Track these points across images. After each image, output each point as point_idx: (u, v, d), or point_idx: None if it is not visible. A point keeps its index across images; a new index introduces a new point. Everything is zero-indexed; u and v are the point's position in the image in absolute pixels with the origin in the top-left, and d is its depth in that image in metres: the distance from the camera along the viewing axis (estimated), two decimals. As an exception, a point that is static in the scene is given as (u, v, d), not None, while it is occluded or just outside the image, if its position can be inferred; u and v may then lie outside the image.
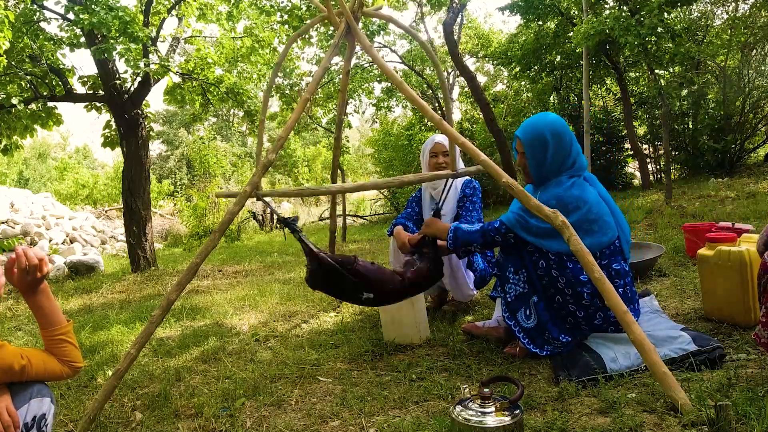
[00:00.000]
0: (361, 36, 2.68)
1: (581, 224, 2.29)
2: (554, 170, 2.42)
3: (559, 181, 2.41)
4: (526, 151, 2.45)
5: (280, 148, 2.52)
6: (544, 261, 2.39)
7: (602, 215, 2.36)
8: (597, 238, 2.32)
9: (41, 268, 1.62)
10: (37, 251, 1.62)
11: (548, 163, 2.42)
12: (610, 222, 2.38)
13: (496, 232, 2.45)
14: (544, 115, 2.50)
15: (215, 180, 14.04)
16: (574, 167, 2.43)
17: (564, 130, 2.43)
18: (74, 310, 4.82)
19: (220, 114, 28.34)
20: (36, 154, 30.47)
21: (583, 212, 2.32)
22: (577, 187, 2.38)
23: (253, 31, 7.51)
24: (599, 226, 2.34)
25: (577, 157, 2.45)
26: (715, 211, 5.56)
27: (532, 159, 2.45)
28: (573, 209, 2.31)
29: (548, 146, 2.40)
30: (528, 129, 2.46)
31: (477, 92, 9.78)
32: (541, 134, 2.41)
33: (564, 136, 2.41)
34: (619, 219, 2.45)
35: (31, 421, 1.58)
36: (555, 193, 2.36)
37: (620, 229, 2.43)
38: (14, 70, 5.89)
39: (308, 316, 3.71)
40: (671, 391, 1.80)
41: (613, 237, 2.37)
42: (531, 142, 2.43)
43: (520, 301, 2.46)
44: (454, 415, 1.76)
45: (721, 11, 9.97)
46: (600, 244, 2.33)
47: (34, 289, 1.65)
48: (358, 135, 30.80)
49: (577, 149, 2.46)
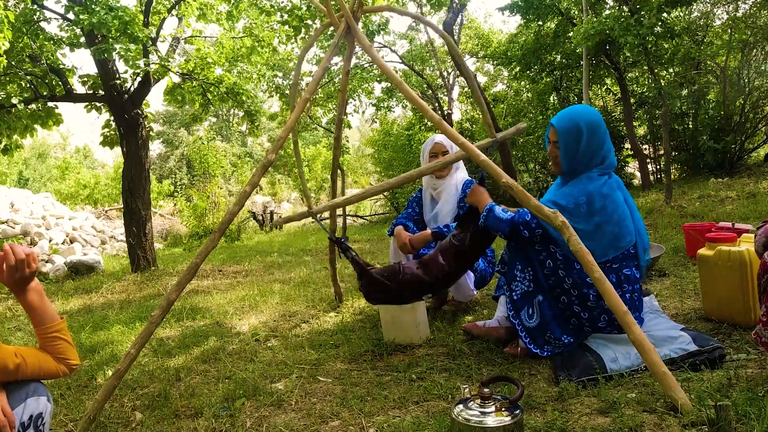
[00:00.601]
0: (360, 36, 2.68)
1: (603, 225, 2.29)
2: (585, 163, 2.39)
3: (590, 176, 2.37)
4: (560, 139, 2.41)
5: (279, 148, 2.52)
6: (551, 260, 2.39)
7: (624, 219, 2.36)
8: (616, 243, 2.32)
9: (29, 264, 1.60)
10: (25, 247, 1.61)
11: (580, 154, 2.38)
12: (630, 227, 2.37)
13: (525, 226, 2.38)
14: (581, 106, 2.49)
15: (215, 180, 14.05)
16: (605, 163, 2.41)
17: (600, 123, 2.40)
18: (74, 310, 4.82)
19: (220, 114, 28.34)
20: (36, 154, 30.46)
21: (608, 213, 2.31)
22: (608, 187, 2.36)
23: (253, 31, 7.51)
24: (620, 230, 2.33)
25: (608, 153, 2.42)
26: (715, 211, 5.56)
27: (564, 149, 2.41)
28: (600, 208, 2.30)
29: (582, 137, 2.36)
30: (564, 118, 2.43)
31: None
32: (577, 124, 2.37)
33: (599, 130, 2.38)
34: (638, 225, 2.44)
35: (28, 421, 1.57)
36: (585, 188, 2.34)
37: (639, 235, 2.42)
38: (14, 70, 5.89)
39: (308, 316, 3.71)
40: (671, 391, 1.80)
41: (630, 242, 2.37)
42: (566, 131, 2.40)
43: (525, 299, 2.45)
44: (454, 415, 1.76)
45: (721, 11, 9.97)
46: (617, 248, 2.33)
47: (24, 286, 1.63)
48: (358, 135, 30.81)
49: (609, 146, 2.43)
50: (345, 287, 4.27)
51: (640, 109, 10.54)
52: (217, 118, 28.48)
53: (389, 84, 13.07)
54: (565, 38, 9.57)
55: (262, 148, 26.91)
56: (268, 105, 22.37)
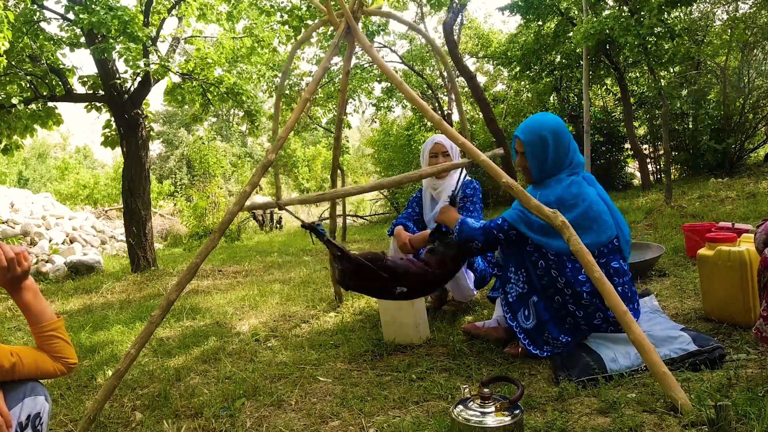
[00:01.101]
0: (360, 36, 2.68)
1: (580, 222, 2.30)
2: (554, 169, 2.44)
3: (559, 179, 2.43)
4: (527, 150, 2.47)
5: (279, 148, 2.52)
6: (543, 261, 2.39)
7: (601, 213, 2.37)
8: (596, 237, 2.33)
9: (20, 262, 1.60)
10: (15, 246, 1.61)
11: (549, 162, 2.44)
12: (608, 221, 2.39)
13: (498, 229, 2.45)
14: (543, 116, 2.52)
15: (215, 180, 14.06)
16: (572, 165, 2.46)
17: (563, 129, 2.46)
18: (74, 310, 4.82)
19: (220, 114, 28.33)
20: (36, 154, 30.46)
21: (581, 210, 2.34)
22: (576, 185, 2.40)
23: (253, 31, 7.51)
24: (598, 225, 2.35)
25: (574, 154, 2.48)
26: (715, 211, 5.56)
27: (532, 159, 2.46)
28: (571, 206, 2.33)
29: (549, 146, 2.42)
30: (528, 129, 2.48)
31: (477, 92, 9.78)
32: (542, 134, 2.43)
33: (564, 136, 2.44)
34: (617, 218, 2.46)
35: (26, 420, 1.56)
36: (554, 191, 2.37)
37: (619, 228, 2.44)
38: (14, 70, 5.89)
39: (308, 316, 3.71)
40: (671, 391, 1.80)
41: (611, 235, 2.38)
42: (532, 142, 2.45)
43: (520, 301, 2.46)
44: (454, 415, 1.76)
45: (721, 11, 9.97)
46: (598, 243, 2.34)
47: (17, 285, 1.63)
48: (358, 135, 30.81)
49: (574, 147, 2.49)
50: (345, 287, 4.26)
51: (640, 109, 10.53)
52: (217, 118, 28.47)
53: (389, 84, 13.07)
54: (565, 38, 9.57)
55: (262, 148, 26.90)
56: (268, 105, 22.38)
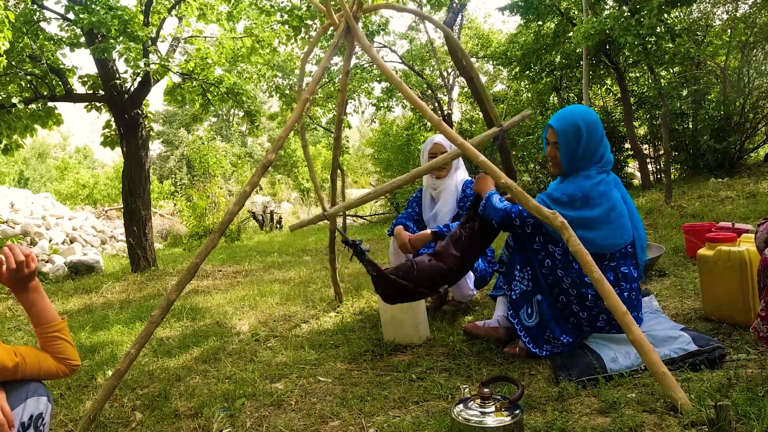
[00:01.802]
0: (360, 36, 2.68)
1: (599, 220, 2.29)
2: (584, 162, 2.40)
3: (588, 174, 2.38)
4: (559, 140, 2.42)
5: (279, 148, 2.52)
6: (549, 260, 2.39)
7: (621, 217, 2.36)
8: (612, 239, 2.32)
9: (28, 264, 1.61)
10: (24, 248, 1.62)
11: (579, 154, 2.39)
12: (627, 225, 2.38)
13: (517, 215, 2.40)
14: (578, 106, 2.50)
15: (215, 180, 14.06)
16: (603, 161, 2.42)
17: (597, 121, 2.42)
18: (74, 310, 4.82)
19: (220, 114, 28.34)
20: (36, 154, 30.46)
21: (604, 209, 2.32)
22: (605, 184, 2.37)
23: (253, 31, 7.51)
24: (616, 227, 2.34)
25: (606, 151, 2.43)
26: (715, 211, 5.56)
27: (564, 149, 2.41)
28: (596, 204, 2.31)
29: (581, 137, 2.37)
30: (562, 118, 2.43)
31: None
32: (576, 124, 2.38)
33: (597, 128, 2.40)
34: (636, 223, 2.44)
35: (28, 421, 1.57)
36: (582, 185, 2.35)
37: (636, 233, 2.42)
38: (14, 70, 5.89)
39: (308, 316, 3.71)
40: (671, 391, 1.80)
41: (628, 240, 2.37)
42: (565, 131, 2.40)
43: (524, 299, 2.46)
44: (454, 415, 1.76)
45: (721, 11, 9.97)
46: (614, 246, 2.33)
47: (24, 286, 1.64)
48: (357, 135, 30.81)
49: (606, 144, 2.45)
50: (345, 287, 4.27)
51: (640, 109, 10.53)
52: (217, 118, 28.48)
53: (389, 84, 13.07)
54: (565, 38, 9.56)
55: (262, 148, 26.91)
56: (268, 105, 22.39)
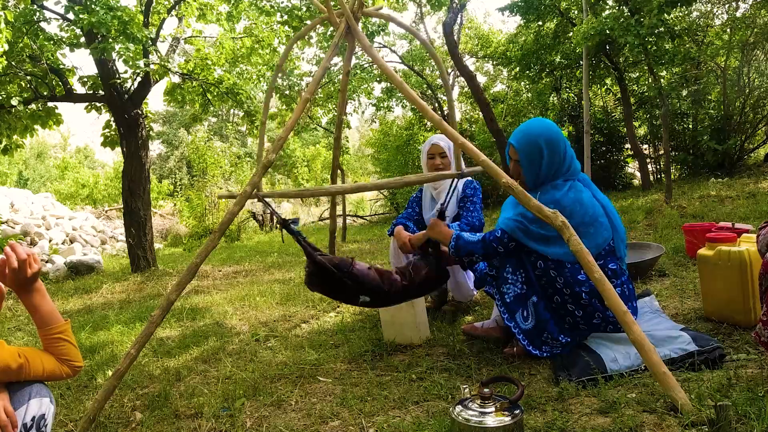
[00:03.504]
0: (361, 36, 2.68)
1: (578, 227, 2.28)
2: (550, 176, 2.42)
3: (555, 184, 2.41)
4: (521, 159, 2.45)
5: (279, 149, 2.52)
6: (542, 262, 2.39)
7: (597, 217, 2.37)
8: (593, 240, 2.33)
9: (31, 264, 1.61)
10: (26, 248, 1.62)
11: (544, 170, 2.41)
12: (605, 223, 2.39)
13: (498, 242, 2.42)
14: (537, 122, 2.49)
15: (213, 180, 14.06)
16: (569, 171, 2.44)
17: (558, 136, 2.43)
18: (74, 310, 4.82)
19: (220, 114, 28.34)
20: (36, 154, 30.47)
21: (579, 215, 2.32)
22: (573, 190, 2.38)
23: (253, 32, 7.51)
24: (595, 228, 2.35)
25: (572, 161, 2.46)
26: (715, 211, 5.56)
27: (527, 167, 2.44)
28: (570, 214, 2.30)
29: (543, 154, 2.39)
30: (522, 137, 2.45)
31: (477, 92, 9.78)
32: (536, 142, 2.40)
33: (558, 143, 2.41)
34: (613, 218, 2.45)
35: (31, 422, 1.57)
36: (552, 197, 2.36)
37: (614, 228, 2.43)
38: (14, 70, 5.89)
39: (308, 316, 3.72)
40: (671, 391, 1.80)
41: (608, 237, 2.38)
42: (526, 150, 2.42)
43: (519, 302, 2.45)
44: (454, 415, 1.76)
45: (721, 11, 9.97)
46: (597, 246, 2.34)
47: (28, 287, 1.64)
48: (357, 135, 30.80)
49: (570, 154, 2.46)
50: (345, 287, 4.26)
51: (640, 109, 10.53)
52: (217, 118, 28.48)
53: (389, 84, 13.07)
54: (565, 38, 9.57)
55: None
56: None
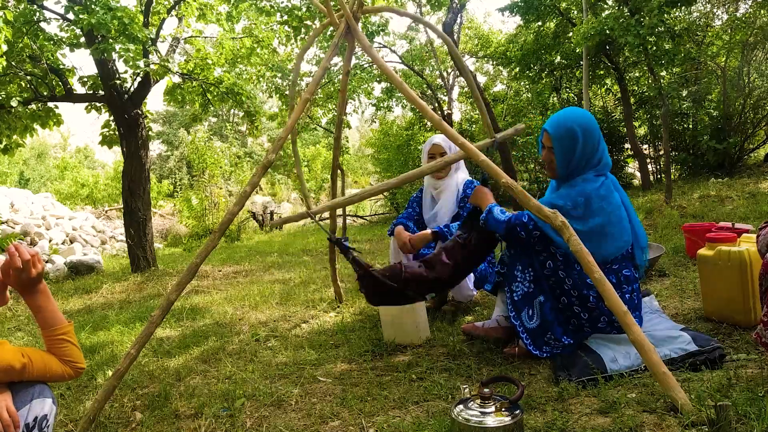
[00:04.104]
0: (360, 36, 2.68)
1: (603, 227, 2.28)
2: (581, 166, 2.38)
3: (586, 178, 2.36)
4: (555, 145, 2.39)
5: (279, 149, 2.52)
6: (551, 261, 2.38)
7: (622, 220, 2.35)
8: (614, 242, 2.32)
9: (35, 264, 1.62)
10: (30, 249, 1.63)
11: (576, 159, 2.36)
12: (627, 228, 2.37)
13: (522, 227, 2.36)
14: (574, 110, 2.46)
15: (213, 180, 14.06)
16: (600, 164, 2.40)
17: (594, 125, 2.39)
18: (74, 310, 4.82)
19: (220, 114, 28.35)
20: (36, 154, 30.47)
21: (605, 214, 2.31)
22: (605, 188, 2.35)
23: (253, 32, 7.51)
24: (618, 231, 2.33)
25: (603, 154, 2.41)
26: (715, 211, 5.56)
27: (560, 154, 2.39)
28: (597, 210, 2.29)
29: (578, 142, 2.34)
30: (558, 123, 2.40)
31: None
32: (572, 129, 2.35)
33: (594, 132, 2.37)
34: (635, 225, 2.43)
35: (33, 422, 1.58)
36: (582, 190, 2.32)
37: (635, 235, 2.41)
38: (14, 70, 5.89)
39: (308, 316, 3.71)
40: (671, 391, 1.80)
41: (628, 242, 2.36)
42: (560, 136, 2.37)
43: (526, 300, 2.45)
44: (454, 415, 1.76)
45: (721, 11, 9.97)
46: (617, 249, 2.32)
47: (32, 288, 1.65)
48: (357, 135, 30.81)
49: (604, 147, 2.42)
50: (345, 287, 4.27)
51: (640, 109, 10.53)
52: (217, 118, 28.49)
53: (389, 84, 13.07)
54: (564, 38, 9.57)
55: (262, 149, 26.91)
56: (268, 106, 22.38)
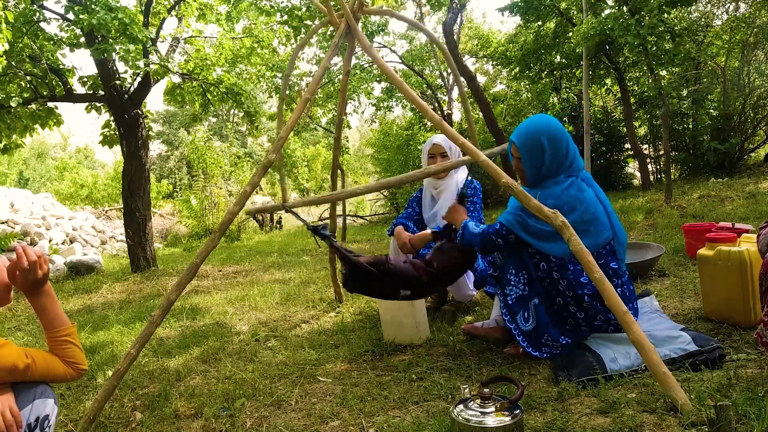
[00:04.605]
0: (361, 36, 2.68)
1: (577, 225, 2.28)
2: (552, 173, 2.41)
3: (557, 180, 2.39)
4: (522, 156, 2.44)
5: (280, 148, 2.52)
6: (545, 263, 2.39)
7: (598, 215, 2.36)
8: (593, 239, 2.33)
9: (41, 265, 1.63)
10: (36, 249, 1.63)
11: (546, 167, 2.40)
12: (605, 222, 2.38)
13: (497, 235, 2.42)
14: (538, 119, 2.47)
15: (213, 180, 14.07)
16: (572, 168, 2.42)
17: (560, 133, 2.41)
18: (74, 310, 4.82)
19: (220, 114, 28.36)
20: (35, 154, 30.47)
21: (579, 212, 2.32)
22: (575, 187, 2.37)
23: (253, 32, 7.51)
24: (595, 227, 2.34)
25: (574, 158, 2.43)
26: (715, 211, 5.56)
27: (529, 164, 2.43)
28: (570, 209, 2.31)
29: (545, 151, 2.38)
30: (523, 134, 2.44)
31: (477, 92, 9.79)
32: (537, 139, 2.38)
33: (560, 140, 2.39)
34: (613, 220, 2.44)
35: (35, 422, 1.58)
36: (553, 193, 2.35)
37: (614, 230, 2.42)
38: (14, 70, 5.89)
39: (308, 316, 3.72)
40: (671, 391, 1.80)
41: (608, 237, 2.37)
42: (527, 147, 2.41)
43: (520, 303, 2.45)
44: (454, 415, 1.76)
45: (721, 11, 9.97)
46: (596, 245, 2.33)
47: (36, 289, 1.66)
48: (357, 135, 30.81)
49: (573, 150, 2.44)
50: (345, 287, 4.26)
51: (640, 109, 10.53)
52: (217, 118, 28.50)
53: (389, 84, 13.07)
54: (564, 38, 9.56)
55: (262, 149, 26.93)
56: (268, 105, 22.38)
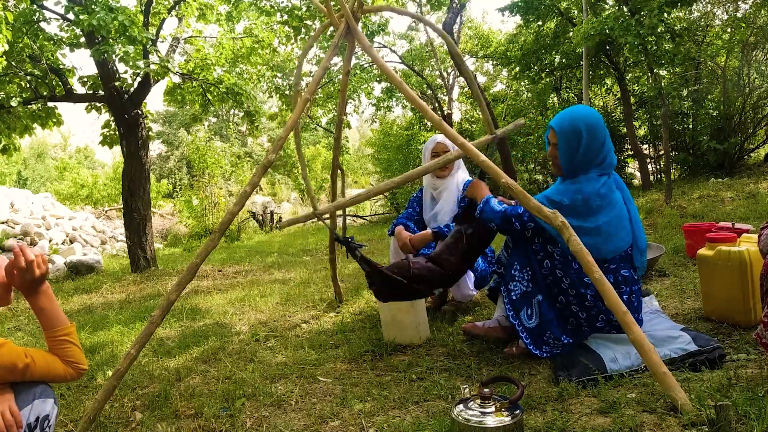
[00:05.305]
0: (360, 36, 2.68)
1: (602, 226, 2.28)
2: (585, 164, 2.38)
3: (589, 177, 2.36)
4: (559, 142, 2.40)
5: (280, 149, 2.52)
6: (549, 260, 2.39)
7: (621, 220, 2.35)
8: (613, 242, 2.31)
9: (39, 265, 1.63)
10: (34, 249, 1.63)
11: (580, 156, 2.37)
12: (627, 228, 2.37)
13: (517, 218, 2.39)
14: (580, 107, 2.47)
15: (213, 180, 14.08)
16: (604, 164, 2.40)
17: (600, 124, 2.39)
18: (74, 310, 4.82)
19: (220, 114, 28.35)
20: (35, 154, 30.47)
21: (604, 214, 2.31)
22: (606, 187, 2.35)
23: (253, 32, 7.51)
24: (617, 231, 2.33)
25: (608, 153, 2.41)
26: (715, 211, 5.56)
27: (564, 151, 2.39)
28: (596, 208, 2.29)
29: (582, 140, 2.35)
30: (563, 120, 2.41)
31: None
32: (577, 127, 2.36)
33: (599, 131, 2.37)
34: (636, 226, 2.42)
35: (35, 422, 1.58)
36: (582, 188, 2.33)
37: (635, 236, 2.40)
38: (14, 70, 5.89)
39: (308, 316, 3.71)
40: (671, 391, 1.80)
41: (628, 242, 2.36)
42: (566, 133, 2.38)
43: (524, 300, 2.45)
44: (454, 415, 1.76)
45: (721, 11, 9.96)
46: (615, 249, 2.32)
47: (35, 289, 1.66)
48: (357, 135, 30.81)
49: (609, 146, 2.42)
50: (345, 287, 4.27)
51: (640, 109, 10.53)
52: (217, 118, 28.49)
53: (389, 84, 13.07)
54: (564, 38, 9.56)
55: (262, 148, 26.92)
56: (268, 105, 22.37)
